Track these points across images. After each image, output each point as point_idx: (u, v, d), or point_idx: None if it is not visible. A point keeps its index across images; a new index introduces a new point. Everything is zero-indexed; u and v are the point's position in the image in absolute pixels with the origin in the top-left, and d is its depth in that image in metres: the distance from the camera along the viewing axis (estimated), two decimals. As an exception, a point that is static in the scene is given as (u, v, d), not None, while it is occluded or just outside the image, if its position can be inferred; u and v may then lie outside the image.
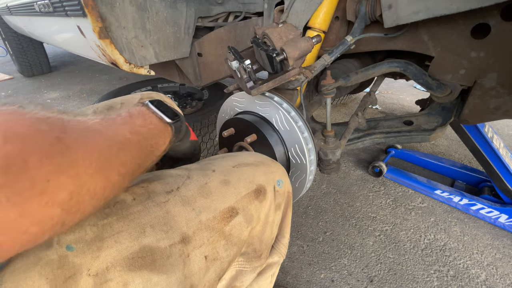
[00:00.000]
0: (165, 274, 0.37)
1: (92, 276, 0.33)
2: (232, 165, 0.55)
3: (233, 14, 1.18)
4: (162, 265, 0.37)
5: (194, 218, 0.43)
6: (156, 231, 0.39)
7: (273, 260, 0.57)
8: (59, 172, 0.25)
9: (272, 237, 0.55)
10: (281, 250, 0.59)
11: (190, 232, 0.42)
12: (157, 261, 0.37)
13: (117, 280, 0.34)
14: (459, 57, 0.82)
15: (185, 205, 0.44)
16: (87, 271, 0.33)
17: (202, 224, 0.43)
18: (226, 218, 0.46)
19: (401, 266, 1.09)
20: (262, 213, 0.52)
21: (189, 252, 0.41)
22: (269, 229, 0.54)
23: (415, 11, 0.74)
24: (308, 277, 1.05)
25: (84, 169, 0.27)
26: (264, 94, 0.76)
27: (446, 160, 1.64)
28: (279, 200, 0.56)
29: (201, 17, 1.15)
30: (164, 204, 0.43)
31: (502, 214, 1.23)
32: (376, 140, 1.08)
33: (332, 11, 0.91)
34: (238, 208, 0.48)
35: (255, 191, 0.51)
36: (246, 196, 0.50)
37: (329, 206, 1.39)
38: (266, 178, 0.54)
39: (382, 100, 2.73)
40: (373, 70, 0.92)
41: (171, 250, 0.39)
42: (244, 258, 0.50)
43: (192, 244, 0.41)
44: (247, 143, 0.72)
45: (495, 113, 0.83)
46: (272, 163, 0.59)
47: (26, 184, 0.23)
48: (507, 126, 2.22)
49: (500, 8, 0.70)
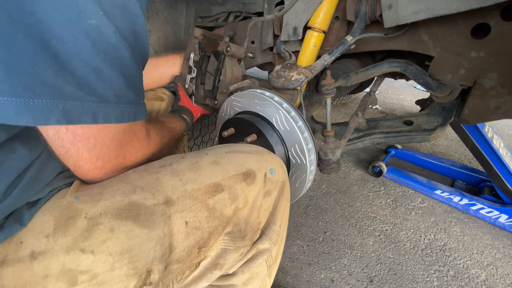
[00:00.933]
0: (147, 229, 0.42)
1: (88, 219, 0.40)
2: (225, 151, 0.58)
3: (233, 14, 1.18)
4: (145, 220, 0.43)
5: (180, 186, 0.48)
6: (144, 192, 0.46)
7: (264, 247, 0.58)
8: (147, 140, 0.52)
9: (259, 221, 0.57)
10: (271, 237, 0.60)
11: (174, 197, 0.47)
12: (141, 215, 0.43)
13: (105, 225, 0.40)
14: (459, 57, 0.82)
15: (174, 175, 0.50)
16: (84, 214, 0.41)
17: (187, 193, 0.48)
18: (211, 192, 0.50)
19: (401, 266, 1.09)
20: (250, 196, 0.54)
21: (171, 213, 0.45)
22: (256, 213, 0.56)
23: (415, 11, 0.74)
24: (308, 277, 1.05)
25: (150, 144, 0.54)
26: (264, 94, 0.76)
27: (446, 160, 1.64)
28: (269, 187, 0.58)
29: (201, 17, 1.15)
30: (156, 173, 0.50)
31: (502, 214, 1.23)
32: (376, 140, 1.08)
33: (332, 11, 0.91)
34: (224, 186, 0.51)
35: (244, 173, 0.54)
36: (233, 176, 0.53)
37: (329, 206, 1.39)
38: (258, 164, 0.57)
39: (382, 100, 2.73)
40: (373, 70, 0.92)
41: (155, 208, 0.44)
42: (229, 237, 0.52)
43: (175, 207, 0.46)
44: (247, 143, 0.72)
45: (495, 113, 0.83)
46: (267, 153, 0.62)
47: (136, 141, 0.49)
48: (507, 126, 2.22)
49: (500, 8, 0.70)
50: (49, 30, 0.32)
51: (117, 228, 0.40)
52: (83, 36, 0.34)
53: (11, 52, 0.31)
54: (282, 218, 0.62)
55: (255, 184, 0.55)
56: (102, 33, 0.36)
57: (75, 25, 0.34)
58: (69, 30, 0.33)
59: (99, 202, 0.42)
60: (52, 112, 0.34)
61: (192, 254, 0.47)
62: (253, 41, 1.15)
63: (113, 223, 0.41)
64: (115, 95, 0.40)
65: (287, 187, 0.64)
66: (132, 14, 0.39)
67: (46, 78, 0.33)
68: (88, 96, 0.37)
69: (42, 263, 0.37)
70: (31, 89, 0.32)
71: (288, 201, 0.65)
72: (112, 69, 0.39)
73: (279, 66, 0.89)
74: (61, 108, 0.34)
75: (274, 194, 0.59)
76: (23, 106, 0.32)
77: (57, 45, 0.33)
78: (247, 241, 0.55)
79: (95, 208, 0.41)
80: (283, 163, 0.64)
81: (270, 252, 0.60)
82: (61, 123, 0.35)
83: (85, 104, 0.37)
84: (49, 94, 0.33)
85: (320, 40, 0.94)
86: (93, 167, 0.45)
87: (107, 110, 0.40)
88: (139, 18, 0.41)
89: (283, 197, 0.62)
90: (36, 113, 0.33)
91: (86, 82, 0.36)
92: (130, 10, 0.39)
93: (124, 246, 0.40)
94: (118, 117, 0.42)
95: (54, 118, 0.34)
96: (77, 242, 0.38)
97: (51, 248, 0.38)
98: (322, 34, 0.94)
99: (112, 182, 0.47)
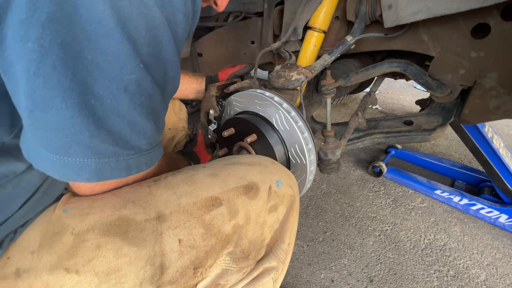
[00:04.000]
0: (136, 247, 0.39)
1: (74, 234, 0.38)
2: (224, 163, 0.55)
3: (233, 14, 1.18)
4: (134, 237, 0.40)
5: (174, 200, 0.45)
6: (135, 206, 0.43)
7: (270, 265, 0.54)
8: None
9: (263, 239, 0.53)
10: (279, 256, 0.56)
11: (167, 212, 0.43)
12: (131, 232, 0.40)
13: (92, 242, 0.38)
14: (459, 57, 0.82)
15: (168, 188, 0.47)
16: (71, 229, 0.39)
17: (181, 207, 0.44)
18: (208, 206, 0.46)
19: (401, 266, 1.09)
20: (252, 211, 0.50)
21: (163, 230, 0.42)
22: (259, 230, 0.52)
23: (415, 11, 0.74)
24: (308, 277, 1.05)
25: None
26: (264, 94, 0.76)
27: (446, 160, 1.64)
28: (275, 201, 0.53)
29: (201, 17, 1.15)
30: (149, 186, 0.47)
31: (502, 214, 1.23)
32: (376, 140, 1.08)
33: (332, 11, 0.91)
34: (223, 199, 0.47)
35: (245, 186, 0.50)
36: (233, 189, 0.49)
37: (329, 206, 1.39)
38: (261, 176, 0.53)
39: (382, 100, 2.73)
40: (373, 70, 0.92)
41: (145, 224, 0.41)
42: (230, 258, 0.49)
43: (167, 223, 0.43)
44: (247, 143, 0.72)
45: (495, 113, 0.83)
46: (271, 164, 0.58)
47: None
48: (507, 126, 2.22)
49: (500, 8, 0.70)
50: (88, 90, 0.31)
51: (104, 246, 0.38)
52: (122, 92, 0.33)
53: (48, 114, 0.30)
54: (291, 236, 0.58)
55: (258, 198, 0.50)
56: (140, 85, 0.35)
57: (115, 81, 0.32)
58: (108, 88, 0.32)
59: (88, 216, 0.40)
60: (83, 171, 0.34)
61: (186, 275, 0.44)
62: (253, 41, 1.15)
63: (101, 240, 0.38)
64: (148, 143, 0.39)
65: (297, 202, 0.59)
66: (167, 60, 0.38)
67: (81, 139, 0.33)
68: (123, 151, 0.36)
69: (26, 281, 0.36)
70: (65, 149, 0.32)
71: (297, 217, 0.61)
72: (147, 119, 0.37)
73: (279, 66, 0.89)
74: (93, 167, 0.34)
75: (282, 210, 0.55)
76: (57, 162, 0.33)
77: (95, 104, 0.32)
78: (251, 261, 0.52)
79: (83, 223, 0.39)
80: (291, 175, 0.60)
81: (279, 271, 0.56)
82: (91, 180, 0.35)
83: (119, 159, 0.36)
84: (82, 153, 0.33)
85: (320, 40, 0.95)
86: (91, 190, 0.44)
87: (140, 160, 0.39)
88: (173, 64, 0.39)
89: (292, 212, 0.58)
90: (68, 170, 0.33)
91: (121, 136, 0.36)
92: (166, 57, 0.37)
93: (111, 266, 0.38)
94: (148, 163, 0.41)
95: (85, 176, 0.34)
96: (62, 260, 0.36)
97: (35, 266, 0.36)
98: (322, 34, 0.94)
99: (103, 195, 0.44)
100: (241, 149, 0.80)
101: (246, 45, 1.17)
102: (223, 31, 1.16)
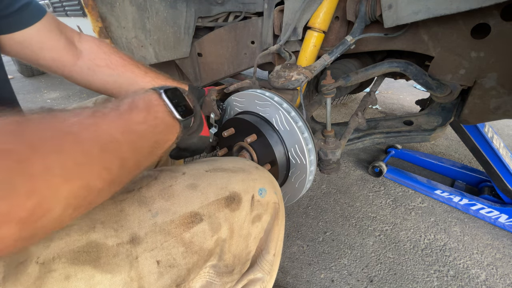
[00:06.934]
0: (110, 274, 0.36)
1: (39, 264, 0.34)
2: (206, 169, 0.51)
3: (233, 14, 1.18)
4: (106, 263, 0.36)
5: (148, 220, 0.41)
6: (106, 228, 0.39)
7: (255, 277, 0.53)
8: (12, 194, 0.23)
9: (248, 251, 0.51)
10: (264, 267, 0.54)
11: (141, 233, 0.40)
12: (102, 258, 0.36)
13: (60, 272, 0.34)
14: (459, 57, 0.82)
15: (142, 205, 0.43)
16: (36, 258, 0.34)
17: (157, 227, 0.41)
18: (187, 224, 0.43)
19: (401, 266, 1.09)
20: (235, 224, 0.47)
21: (138, 254, 0.39)
22: (243, 243, 0.49)
23: (415, 11, 0.74)
24: (308, 277, 1.05)
25: (45, 182, 0.26)
26: (264, 94, 0.76)
27: (446, 160, 1.64)
28: (258, 211, 0.51)
29: (201, 17, 1.15)
30: (120, 202, 0.42)
31: (502, 214, 1.23)
32: (376, 140, 1.08)
33: (332, 11, 0.91)
34: (203, 215, 0.44)
35: (227, 198, 0.47)
36: (214, 203, 0.46)
37: (329, 206, 1.39)
38: (243, 185, 0.50)
39: (382, 100, 2.73)
40: (373, 70, 0.92)
41: (118, 249, 0.38)
42: (214, 271, 0.47)
43: (142, 246, 0.39)
44: (247, 143, 0.72)
45: (495, 113, 0.83)
46: (254, 169, 0.55)
47: None
48: (507, 126, 2.22)
49: (500, 8, 0.70)
50: None
51: (73, 276, 0.35)
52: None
53: None
54: (277, 245, 0.56)
55: (241, 210, 0.48)
56: None
57: None
58: None
59: (52, 242, 0.36)
60: None
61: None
62: (253, 41, 1.15)
63: (69, 269, 0.35)
64: None
65: (282, 209, 0.57)
66: None
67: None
68: None
69: None
70: None
71: (283, 225, 0.59)
72: None
73: (279, 66, 0.89)
74: None
75: (266, 218, 0.53)
76: None
77: None
78: (236, 275, 0.50)
79: (48, 250, 0.35)
80: (274, 181, 0.57)
81: (263, 282, 0.55)
82: None
83: None
84: None
85: (320, 40, 0.95)
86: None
87: None
88: None
89: (278, 220, 0.55)
90: None
91: None
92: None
93: None
94: None
95: None
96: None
97: None
98: (322, 34, 0.94)
99: None
100: (241, 149, 0.80)
101: (246, 45, 1.17)
102: (223, 31, 1.16)
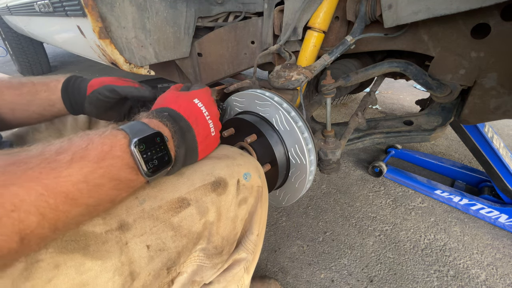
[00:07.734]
0: (100, 260, 0.36)
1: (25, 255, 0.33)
2: None
3: (233, 14, 1.18)
4: (96, 251, 0.37)
5: (136, 207, 0.42)
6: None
7: (240, 256, 0.55)
8: None
9: (235, 233, 0.53)
10: (248, 247, 0.56)
11: (130, 219, 0.41)
12: (91, 246, 0.37)
13: (48, 261, 0.34)
14: (459, 57, 0.82)
15: None
16: None
17: (145, 213, 0.42)
18: (175, 209, 0.44)
19: (401, 266, 1.09)
20: (222, 207, 0.49)
21: (128, 239, 0.39)
22: (231, 225, 0.51)
23: (415, 11, 0.74)
24: (308, 277, 1.05)
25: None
26: (264, 94, 0.76)
27: (446, 160, 1.64)
28: (244, 194, 0.53)
29: (201, 17, 1.15)
30: None
31: (502, 214, 1.23)
32: (376, 140, 1.08)
33: (332, 11, 0.91)
34: (190, 199, 0.46)
35: (213, 183, 0.49)
36: (201, 188, 0.47)
37: (329, 206, 1.39)
38: (228, 170, 0.52)
39: (382, 100, 2.73)
40: (373, 70, 0.92)
41: (107, 236, 0.38)
42: (204, 254, 0.48)
43: (132, 232, 0.40)
44: (247, 143, 0.72)
45: (495, 113, 0.83)
46: (239, 156, 0.57)
47: None
48: (507, 126, 2.22)
49: (500, 8, 0.70)
50: None
51: (63, 264, 0.34)
52: None
53: None
54: (260, 226, 0.59)
55: (227, 194, 0.50)
56: None
57: None
58: None
59: None
60: None
61: (161, 276, 0.43)
62: (253, 41, 1.15)
63: (58, 258, 0.34)
64: None
65: (265, 192, 0.60)
66: None
67: None
68: None
69: None
70: None
71: (266, 207, 0.61)
72: None
73: (279, 66, 0.89)
74: None
75: (251, 201, 0.55)
76: None
77: None
78: (225, 256, 0.52)
79: None
80: (259, 166, 0.59)
81: (247, 261, 0.57)
82: None
83: None
84: None
85: (320, 40, 0.94)
86: None
87: None
88: None
89: (261, 203, 0.58)
90: None
91: None
92: None
93: (75, 282, 0.35)
94: None
95: None
96: (18, 284, 0.32)
97: None
98: (322, 34, 0.94)
99: None
100: (241, 149, 0.80)
101: (246, 45, 1.17)
102: (223, 31, 1.16)
